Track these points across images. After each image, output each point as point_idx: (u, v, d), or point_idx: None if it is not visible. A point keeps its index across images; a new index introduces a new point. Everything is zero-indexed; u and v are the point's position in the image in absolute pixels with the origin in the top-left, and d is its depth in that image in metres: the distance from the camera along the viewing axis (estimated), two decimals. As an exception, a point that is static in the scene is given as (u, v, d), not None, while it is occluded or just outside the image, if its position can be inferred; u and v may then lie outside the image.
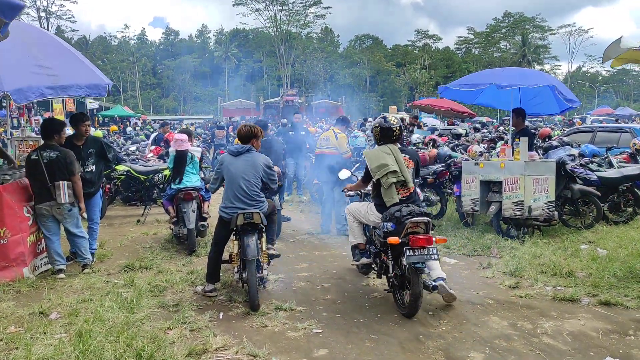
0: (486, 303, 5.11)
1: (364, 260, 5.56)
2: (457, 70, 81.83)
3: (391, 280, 5.03)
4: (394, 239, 4.68)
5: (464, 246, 7.26)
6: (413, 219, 4.72)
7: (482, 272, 6.15)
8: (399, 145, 5.31)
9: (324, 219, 8.62)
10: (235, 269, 5.30)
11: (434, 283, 4.88)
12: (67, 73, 5.95)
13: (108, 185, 10.27)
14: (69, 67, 6.04)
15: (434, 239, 4.62)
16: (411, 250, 4.58)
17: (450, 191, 9.63)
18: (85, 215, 6.47)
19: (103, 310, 4.71)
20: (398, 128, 5.25)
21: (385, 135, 5.26)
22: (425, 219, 4.73)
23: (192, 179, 7.51)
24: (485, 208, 7.85)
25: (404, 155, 5.26)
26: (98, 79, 6.08)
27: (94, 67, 6.41)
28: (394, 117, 5.44)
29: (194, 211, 7.26)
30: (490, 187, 7.86)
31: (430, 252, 4.59)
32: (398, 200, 5.10)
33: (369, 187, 5.65)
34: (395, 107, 54.55)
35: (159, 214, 10.03)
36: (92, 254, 6.58)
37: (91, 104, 36.76)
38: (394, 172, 5.11)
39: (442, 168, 9.38)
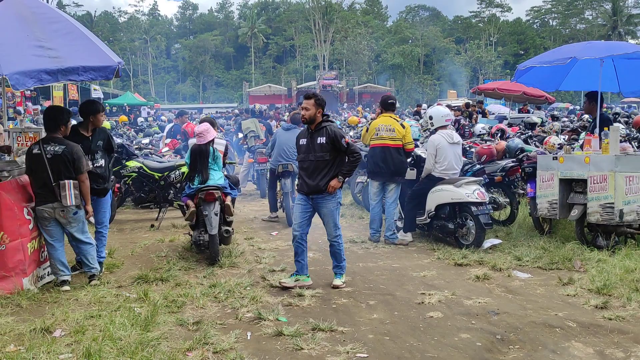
0: (567, 326, 5.03)
1: None
2: (531, 47, 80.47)
3: None
4: None
5: (539, 258, 7.19)
6: None
7: (561, 289, 6.09)
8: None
9: (373, 225, 8.70)
10: None
11: None
12: (71, 54, 5.97)
13: (117, 185, 10.39)
14: (74, 46, 6.09)
15: None
16: None
17: (522, 192, 9.56)
18: (92, 219, 6.64)
19: (114, 327, 4.84)
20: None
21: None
22: None
23: (214, 177, 7.59)
24: (566, 212, 7.77)
25: (260, 124, 13.33)
26: (107, 59, 6.14)
27: (102, 44, 6.52)
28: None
29: (216, 214, 7.33)
30: (572, 186, 7.77)
31: None
32: None
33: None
34: (455, 91, 53.94)
35: (176, 217, 10.27)
36: (101, 264, 6.74)
37: (96, 91, 37.75)
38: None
39: (512, 164, 9.29)
